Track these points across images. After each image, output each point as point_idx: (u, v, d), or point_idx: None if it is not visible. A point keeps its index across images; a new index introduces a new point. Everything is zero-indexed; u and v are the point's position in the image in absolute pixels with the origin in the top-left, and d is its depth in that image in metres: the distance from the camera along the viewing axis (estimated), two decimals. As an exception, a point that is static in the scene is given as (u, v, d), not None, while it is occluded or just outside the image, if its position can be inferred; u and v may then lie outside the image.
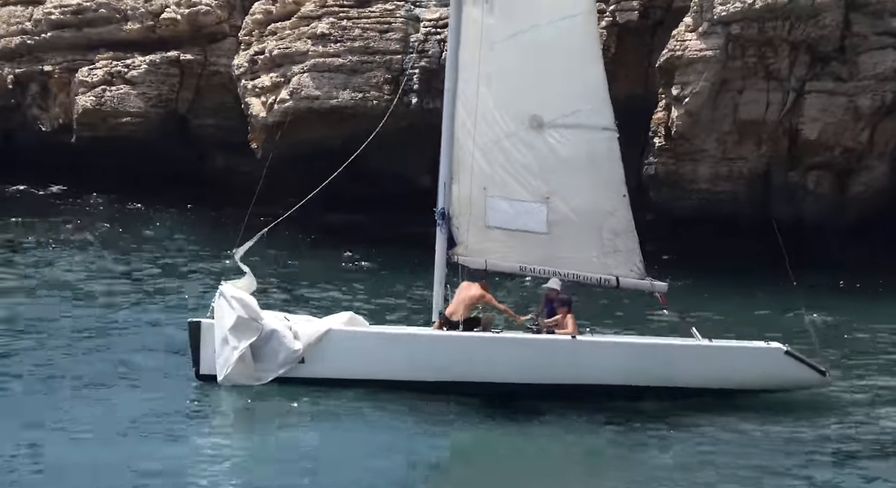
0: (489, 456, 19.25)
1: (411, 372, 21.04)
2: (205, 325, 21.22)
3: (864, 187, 32.51)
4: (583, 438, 19.83)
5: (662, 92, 32.44)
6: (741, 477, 18.21)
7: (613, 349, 21.53)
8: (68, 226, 35.38)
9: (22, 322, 25.35)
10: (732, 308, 28.24)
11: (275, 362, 21.01)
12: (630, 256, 22.37)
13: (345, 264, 32.00)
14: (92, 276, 29.85)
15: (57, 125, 39.20)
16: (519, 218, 22.39)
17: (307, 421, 19.99)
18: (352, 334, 21.41)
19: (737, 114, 32.07)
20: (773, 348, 21.49)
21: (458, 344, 21.26)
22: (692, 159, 32.47)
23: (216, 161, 38.47)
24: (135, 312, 26.43)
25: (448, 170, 22.52)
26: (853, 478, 18.27)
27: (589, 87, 22.28)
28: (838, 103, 31.74)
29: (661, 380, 21.25)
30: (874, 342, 26.18)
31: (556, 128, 22.25)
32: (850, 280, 30.70)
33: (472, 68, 22.31)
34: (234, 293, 21.20)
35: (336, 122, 34.42)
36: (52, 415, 19.37)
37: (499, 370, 21.09)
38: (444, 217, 22.41)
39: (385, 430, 19.56)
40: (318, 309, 27.26)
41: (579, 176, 22.27)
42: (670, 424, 20.40)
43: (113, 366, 22.35)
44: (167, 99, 37.73)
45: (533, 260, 22.38)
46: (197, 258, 32.18)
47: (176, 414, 20.02)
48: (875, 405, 21.83)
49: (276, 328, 21.09)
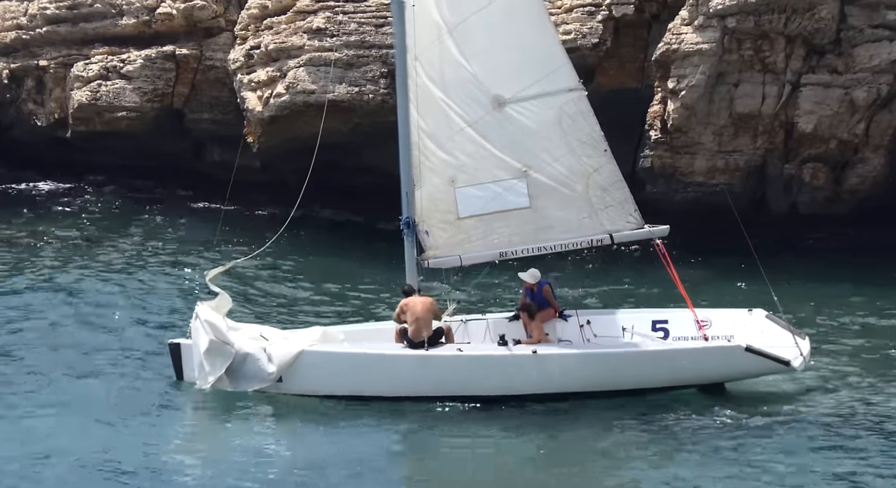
0: (473, 455, 19.37)
1: (385, 389, 21.41)
2: (184, 346, 21.62)
3: (860, 179, 32.54)
4: (562, 434, 20.09)
5: (658, 85, 32.44)
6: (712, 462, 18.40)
7: (574, 360, 21.53)
8: (61, 221, 35.34)
9: (5, 315, 25.46)
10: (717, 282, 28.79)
11: (251, 382, 21.42)
12: (623, 207, 22.31)
13: (332, 260, 32.00)
14: (84, 271, 29.81)
15: (52, 120, 39.11)
16: (495, 199, 22.32)
17: (283, 423, 20.23)
18: (324, 355, 21.66)
19: (733, 107, 32.09)
20: (733, 346, 21.43)
21: (425, 362, 21.46)
22: (688, 152, 32.48)
23: (213, 155, 38.44)
24: (126, 309, 26.44)
25: (408, 179, 22.55)
26: (837, 461, 18.41)
27: (544, 53, 22.17)
28: (834, 96, 31.75)
29: (624, 385, 21.35)
30: (850, 325, 26.34)
31: (519, 103, 22.15)
32: (843, 269, 30.79)
33: (424, 66, 22.35)
34: (207, 315, 21.48)
35: (332, 116, 34.39)
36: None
37: (466, 384, 21.27)
38: (410, 226, 22.51)
39: (367, 432, 19.77)
40: (310, 305, 27.39)
41: (554, 142, 22.19)
42: (642, 417, 20.55)
43: (94, 365, 22.49)
44: (163, 93, 37.66)
45: (517, 239, 22.36)
46: (191, 253, 32.15)
47: (151, 412, 20.22)
48: (852, 387, 22.04)
49: (250, 351, 21.39)
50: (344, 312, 26.96)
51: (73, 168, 38.78)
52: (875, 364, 23.41)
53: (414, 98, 22.34)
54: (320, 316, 26.29)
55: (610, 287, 28.46)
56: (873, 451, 18.81)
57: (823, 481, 17.64)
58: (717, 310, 23.19)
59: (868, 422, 20.14)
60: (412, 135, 22.50)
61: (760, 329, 21.94)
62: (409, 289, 22.31)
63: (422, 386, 21.38)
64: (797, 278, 28.74)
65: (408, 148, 22.58)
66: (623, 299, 27.12)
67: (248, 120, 35.71)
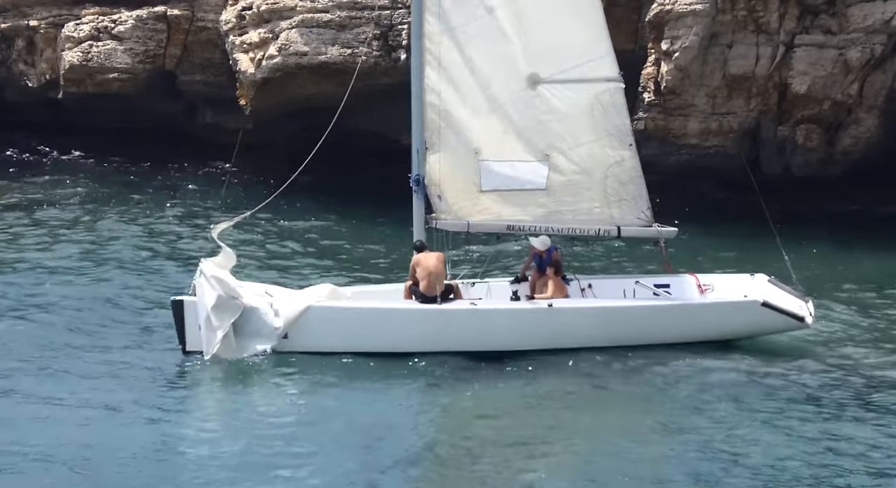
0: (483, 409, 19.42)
1: (396, 344, 21.25)
2: (187, 303, 21.30)
3: (853, 141, 32.52)
4: (570, 387, 20.07)
5: (652, 47, 32.37)
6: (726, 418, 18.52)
7: (590, 314, 21.64)
8: (51, 186, 35.24)
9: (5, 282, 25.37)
10: (718, 247, 28.82)
11: (257, 339, 21.17)
12: (637, 203, 22.42)
13: (329, 223, 31.99)
14: (77, 236, 29.71)
15: (44, 81, 38.98)
16: (517, 177, 22.39)
17: (291, 386, 20.18)
18: (331, 310, 21.54)
19: (726, 68, 32.04)
20: (750, 301, 21.65)
21: (439, 317, 21.41)
22: (682, 114, 32.45)
23: (206, 117, 38.34)
24: (121, 274, 26.33)
25: (420, 138, 22.53)
26: (836, 422, 18.50)
27: (590, 40, 22.20)
28: (828, 56, 31.69)
29: (638, 340, 21.45)
30: (858, 285, 26.43)
31: (553, 84, 22.17)
32: (837, 231, 30.85)
33: (458, 36, 22.26)
34: (213, 271, 21.24)
35: (324, 78, 34.31)
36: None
37: (479, 339, 21.27)
38: (420, 183, 22.50)
39: (375, 391, 19.77)
40: (312, 268, 27.37)
41: (581, 128, 22.22)
42: (652, 373, 20.64)
43: (92, 333, 22.38)
44: (154, 55, 37.52)
45: (529, 218, 22.44)
46: (187, 216, 32.12)
47: (160, 383, 20.17)
48: (856, 344, 22.17)
49: (257, 306, 21.20)
50: (348, 272, 26.88)
51: (66, 130, 38.63)
52: (882, 333, 23.44)
53: (437, 64, 22.26)
54: (324, 278, 26.14)
55: (609, 259, 28.39)
56: (869, 416, 18.92)
57: (820, 449, 17.77)
58: (719, 274, 23.24)
59: (867, 389, 20.23)
60: (429, 97, 22.41)
61: (763, 293, 22.06)
62: (419, 244, 22.20)
63: (435, 340, 21.20)
64: (814, 243, 28.82)
65: (420, 107, 22.49)
66: (621, 268, 27.13)
67: (240, 82, 35.58)
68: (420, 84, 22.47)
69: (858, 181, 32.23)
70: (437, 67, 22.31)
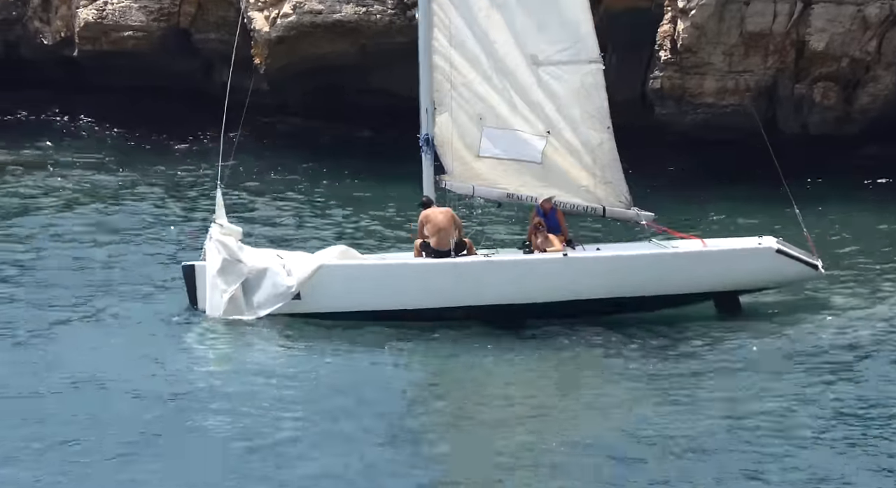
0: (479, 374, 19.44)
1: (406, 301, 21.22)
2: (198, 268, 21.53)
3: (871, 99, 32.33)
4: (574, 352, 20.31)
5: (668, 4, 32.15)
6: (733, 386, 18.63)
7: (606, 262, 21.68)
8: (63, 149, 35.27)
9: (19, 243, 25.52)
10: (728, 211, 28.84)
11: (269, 298, 21.25)
12: (618, 186, 22.75)
13: (343, 181, 31.92)
14: (96, 198, 29.81)
15: (59, 38, 38.83)
16: (514, 147, 22.59)
17: (296, 349, 20.28)
18: (345, 268, 21.54)
19: (743, 26, 31.81)
20: (764, 248, 21.79)
21: (454, 270, 21.35)
22: (698, 73, 32.25)
23: (222, 76, 38.17)
24: (138, 237, 26.47)
25: (429, 97, 22.56)
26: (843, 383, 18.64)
27: (575, 19, 22.32)
28: (846, 13, 31.48)
29: (655, 290, 21.51)
30: (869, 244, 26.42)
31: (549, 66, 22.41)
32: (852, 189, 30.68)
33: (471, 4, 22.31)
34: (219, 236, 21.40)
35: (339, 36, 34.19)
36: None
37: (495, 292, 21.24)
38: (429, 143, 22.51)
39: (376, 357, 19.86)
40: (320, 229, 27.39)
41: (573, 110, 22.50)
42: (645, 334, 20.85)
43: (102, 298, 22.58)
44: (169, 13, 37.34)
45: (525, 190, 22.67)
46: (203, 180, 32.07)
47: (165, 342, 20.36)
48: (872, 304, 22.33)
49: (268, 266, 21.26)
50: (364, 236, 26.93)
51: (83, 89, 38.50)
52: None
53: (447, 30, 22.31)
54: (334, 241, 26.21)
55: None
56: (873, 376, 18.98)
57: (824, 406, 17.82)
58: (728, 239, 23.23)
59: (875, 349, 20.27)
60: (437, 60, 22.51)
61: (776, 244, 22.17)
62: (427, 200, 22.22)
63: (452, 296, 21.23)
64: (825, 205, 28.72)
65: (429, 67, 22.58)
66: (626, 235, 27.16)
67: (254, 40, 35.46)
68: (427, 43, 22.53)
69: (875, 139, 32.06)
70: (446, 32, 22.38)
